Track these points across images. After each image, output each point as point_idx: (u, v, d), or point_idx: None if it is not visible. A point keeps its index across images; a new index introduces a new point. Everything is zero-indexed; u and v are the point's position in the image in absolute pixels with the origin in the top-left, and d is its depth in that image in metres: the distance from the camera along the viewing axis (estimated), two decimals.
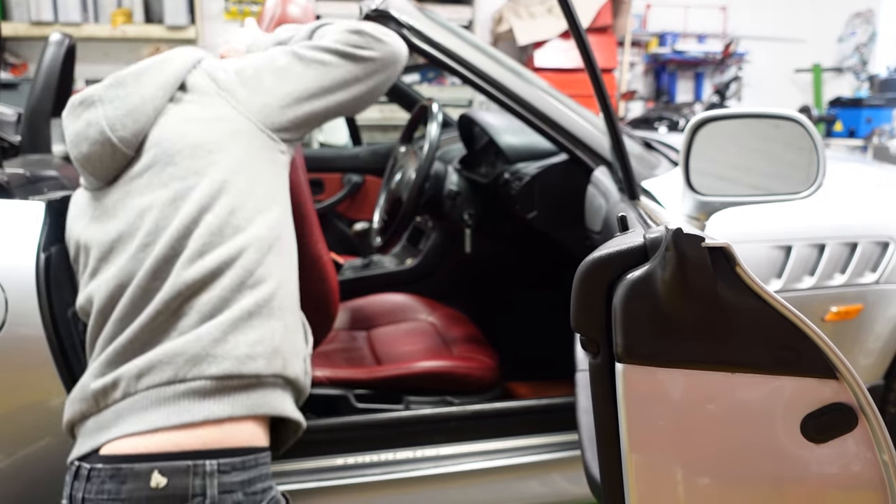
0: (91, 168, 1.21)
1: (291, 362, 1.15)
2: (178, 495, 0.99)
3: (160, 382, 1.05)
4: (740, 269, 0.73)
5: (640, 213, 1.15)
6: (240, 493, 1.03)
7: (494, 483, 1.75)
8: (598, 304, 0.77)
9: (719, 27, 6.62)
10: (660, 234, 0.75)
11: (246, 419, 1.08)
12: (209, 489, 1.00)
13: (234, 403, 1.06)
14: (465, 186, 2.21)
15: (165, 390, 1.05)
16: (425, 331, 2.07)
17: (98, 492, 1.00)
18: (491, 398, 1.85)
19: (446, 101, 4.53)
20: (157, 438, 1.02)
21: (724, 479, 0.78)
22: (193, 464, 1.00)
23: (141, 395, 1.05)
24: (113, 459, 1.02)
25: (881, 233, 1.77)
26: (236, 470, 1.03)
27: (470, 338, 2.02)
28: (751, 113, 1.36)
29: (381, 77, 1.32)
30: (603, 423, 0.79)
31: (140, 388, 1.06)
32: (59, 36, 1.90)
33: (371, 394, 1.76)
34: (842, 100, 6.15)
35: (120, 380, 1.07)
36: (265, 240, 1.16)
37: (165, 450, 1.01)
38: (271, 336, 1.12)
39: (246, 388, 1.08)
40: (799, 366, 0.74)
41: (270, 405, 1.10)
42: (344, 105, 1.30)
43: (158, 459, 1.00)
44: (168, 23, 4.72)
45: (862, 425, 0.74)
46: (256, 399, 1.09)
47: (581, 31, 1.20)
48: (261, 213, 1.17)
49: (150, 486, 0.99)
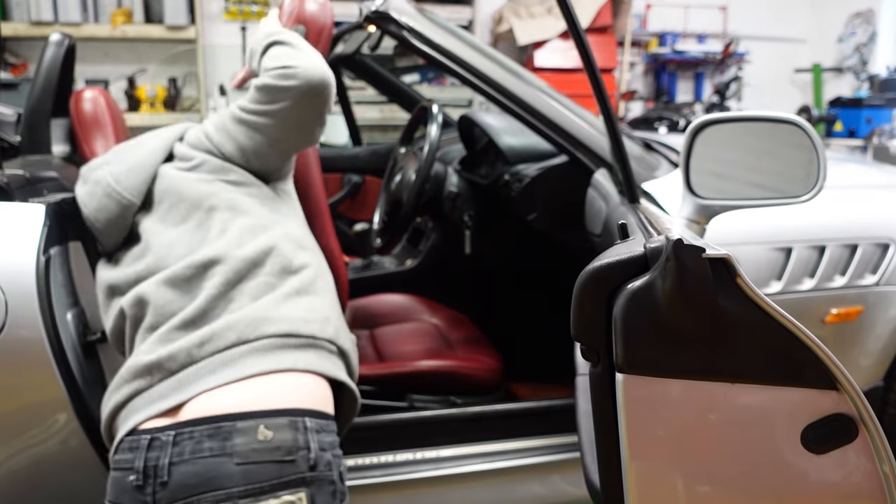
0: (101, 225, 1.33)
1: (342, 334, 1.24)
2: (285, 447, 1.04)
3: (225, 346, 1.11)
4: (741, 279, 0.73)
5: (641, 217, 1.15)
6: (329, 453, 1.09)
7: (495, 485, 1.75)
8: (598, 314, 0.77)
9: (719, 27, 6.62)
10: (660, 243, 0.75)
11: (310, 377, 1.13)
12: (312, 444, 1.06)
13: (297, 358, 1.13)
14: (465, 187, 2.21)
15: (231, 352, 1.11)
16: (428, 331, 2.07)
17: (195, 451, 1.03)
18: (494, 399, 1.85)
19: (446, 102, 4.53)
20: (247, 395, 1.07)
21: (724, 490, 0.78)
22: (293, 420, 1.06)
23: (206, 361, 1.10)
24: (209, 420, 1.05)
25: (881, 234, 1.77)
26: (325, 431, 1.10)
27: (473, 339, 2.02)
28: (751, 116, 1.36)
29: (302, 110, 1.34)
30: (603, 432, 0.79)
31: (204, 353, 1.11)
32: (59, 36, 1.89)
33: (376, 390, 1.76)
34: (842, 100, 6.14)
35: (178, 352, 1.11)
36: (291, 238, 1.28)
37: (264, 407, 1.06)
38: (322, 306, 1.22)
39: (305, 346, 1.15)
40: (799, 377, 0.74)
41: (327, 367, 1.16)
42: (289, 146, 1.39)
43: (259, 417, 1.05)
44: (168, 23, 4.71)
45: (862, 436, 0.74)
46: (314, 359, 1.15)
47: (580, 31, 1.20)
48: (276, 223, 1.30)
49: (259, 440, 1.04)
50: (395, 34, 1.66)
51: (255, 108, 1.34)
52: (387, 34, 1.70)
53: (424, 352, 1.93)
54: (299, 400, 1.09)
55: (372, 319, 2.16)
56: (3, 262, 1.25)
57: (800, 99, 6.88)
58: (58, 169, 1.64)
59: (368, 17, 1.67)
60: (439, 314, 2.16)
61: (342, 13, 5.00)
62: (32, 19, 4.48)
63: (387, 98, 3.11)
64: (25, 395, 1.27)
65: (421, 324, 2.12)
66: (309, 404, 1.10)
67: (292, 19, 1.63)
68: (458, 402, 1.80)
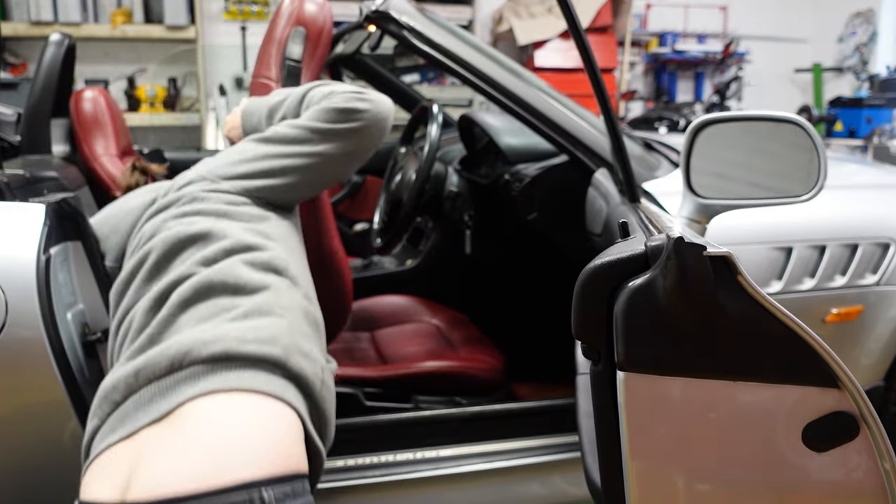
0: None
1: (293, 356, 1.06)
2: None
3: (159, 375, 1.01)
4: (742, 277, 0.73)
5: (641, 216, 1.15)
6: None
7: (495, 485, 1.75)
8: (599, 312, 0.77)
9: (719, 27, 6.62)
10: (661, 241, 0.74)
11: (269, 418, 0.98)
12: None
13: (232, 379, 1.00)
14: (465, 187, 2.21)
15: (165, 381, 1.00)
16: (430, 332, 2.07)
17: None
18: (496, 399, 1.85)
19: (446, 102, 4.53)
20: (194, 465, 0.91)
21: (725, 488, 0.78)
22: (249, 496, 0.89)
23: (143, 391, 1.01)
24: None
25: (882, 234, 1.77)
26: (291, 498, 0.93)
27: (474, 339, 2.02)
28: (751, 116, 1.36)
29: (367, 135, 1.33)
30: (604, 430, 0.79)
31: (140, 383, 1.01)
32: (59, 36, 1.89)
33: (380, 392, 1.76)
34: (842, 99, 6.14)
35: (118, 381, 1.03)
36: (253, 259, 1.16)
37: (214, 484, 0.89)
38: (269, 326, 1.07)
39: (242, 366, 1.01)
40: (800, 375, 0.73)
41: (269, 386, 1.00)
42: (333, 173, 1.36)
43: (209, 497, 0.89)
44: (168, 23, 4.71)
45: (863, 434, 0.74)
46: (252, 378, 1.00)
47: (581, 31, 1.20)
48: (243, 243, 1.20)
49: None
50: (396, 34, 1.66)
51: (320, 128, 1.30)
52: (387, 34, 1.70)
53: (427, 353, 1.93)
54: (255, 458, 0.91)
55: (373, 321, 2.16)
56: (3, 261, 1.25)
57: (800, 99, 6.88)
58: (58, 169, 1.65)
59: (368, 16, 1.67)
60: (440, 315, 2.16)
61: (342, 13, 5.00)
62: (32, 19, 4.48)
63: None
64: (25, 395, 1.27)
65: (422, 325, 2.12)
66: (267, 465, 0.91)
67: (291, 21, 1.63)
68: (463, 403, 1.80)
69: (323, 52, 1.68)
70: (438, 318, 2.14)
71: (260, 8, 5.19)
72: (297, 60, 1.62)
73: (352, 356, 1.93)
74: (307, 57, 1.64)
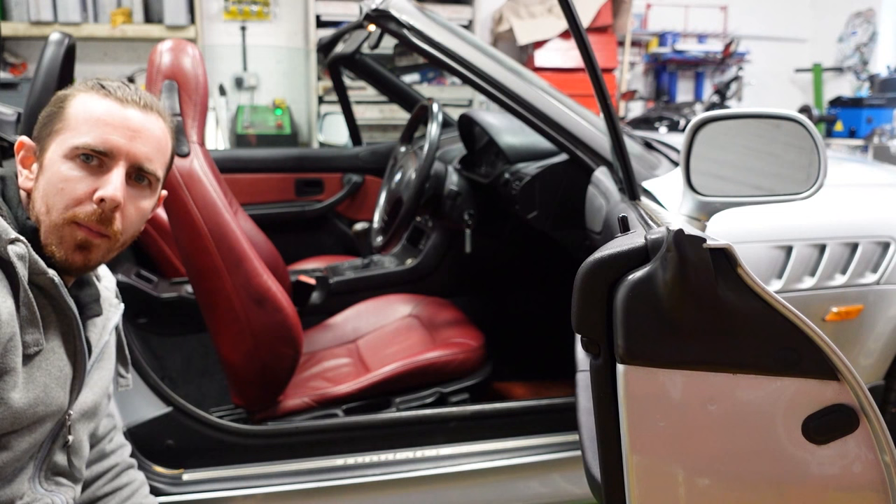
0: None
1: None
2: None
3: None
4: (742, 270, 0.73)
5: (641, 213, 1.15)
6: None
7: (494, 483, 1.75)
8: (599, 305, 0.77)
9: (719, 27, 6.62)
10: (661, 234, 0.74)
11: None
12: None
13: None
14: (465, 186, 2.20)
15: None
16: (409, 326, 2.06)
17: None
18: (480, 378, 1.85)
19: (446, 101, 4.54)
20: None
21: (725, 480, 0.78)
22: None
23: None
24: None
25: (882, 233, 1.77)
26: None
27: (453, 322, 2.01)
28: (751, 113, 1.35)
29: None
30: (604, 424, 0.78)
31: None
32: (59, 35, 1.89)
33: (359, 405, 1.76)
34: (842, 99, 6.13)
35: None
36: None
37: None
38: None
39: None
40: (800, 367, 0.73)
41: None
42: None
43: None
44: (168, 22, 4.71)
45: (863, 427, 0.74)
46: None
47: (581, 30, 1.20)
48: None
49: None
50: (396, 32, 1.66)
51: None
52: (387, 32, 1.70)
53: (402, 351, 1.91)
54: None
55: (354, 332, 2.14)
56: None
57: (800, 99, 6.88)
58: None
59: (369, 15, 1.67)
60: (420, 305, 2.14)
61: (342, 13, 5.01)
62: (32, 19, 4.49)
63: (387, 98, 3.11)
64: None
65: (401, 321, 2.11)
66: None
67: (160, 77, 1.61)
68: (445, 392, 1.79)
69: (202, 104, 1.66)
70: (419, 308, 2.13)
71: (260, 8, 5.19)
72: (177, 113, 1.60)
73: (330, 375, 1.90)
74: (184, 108, 1.61)
